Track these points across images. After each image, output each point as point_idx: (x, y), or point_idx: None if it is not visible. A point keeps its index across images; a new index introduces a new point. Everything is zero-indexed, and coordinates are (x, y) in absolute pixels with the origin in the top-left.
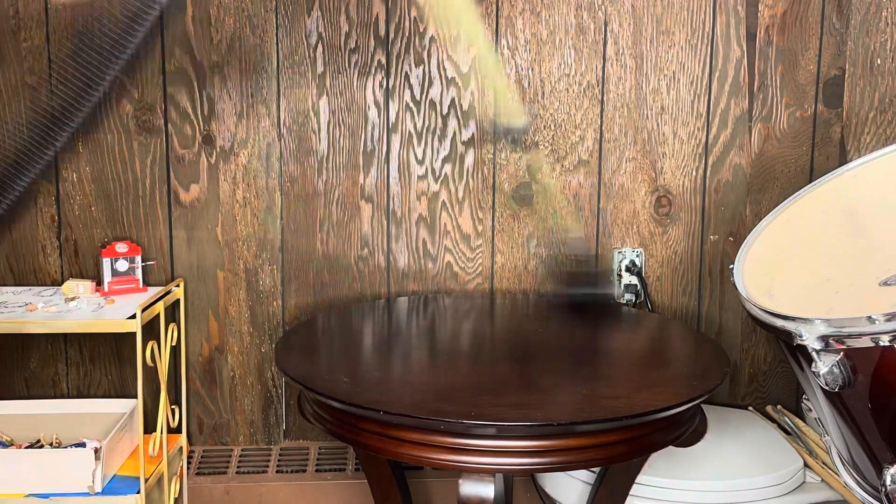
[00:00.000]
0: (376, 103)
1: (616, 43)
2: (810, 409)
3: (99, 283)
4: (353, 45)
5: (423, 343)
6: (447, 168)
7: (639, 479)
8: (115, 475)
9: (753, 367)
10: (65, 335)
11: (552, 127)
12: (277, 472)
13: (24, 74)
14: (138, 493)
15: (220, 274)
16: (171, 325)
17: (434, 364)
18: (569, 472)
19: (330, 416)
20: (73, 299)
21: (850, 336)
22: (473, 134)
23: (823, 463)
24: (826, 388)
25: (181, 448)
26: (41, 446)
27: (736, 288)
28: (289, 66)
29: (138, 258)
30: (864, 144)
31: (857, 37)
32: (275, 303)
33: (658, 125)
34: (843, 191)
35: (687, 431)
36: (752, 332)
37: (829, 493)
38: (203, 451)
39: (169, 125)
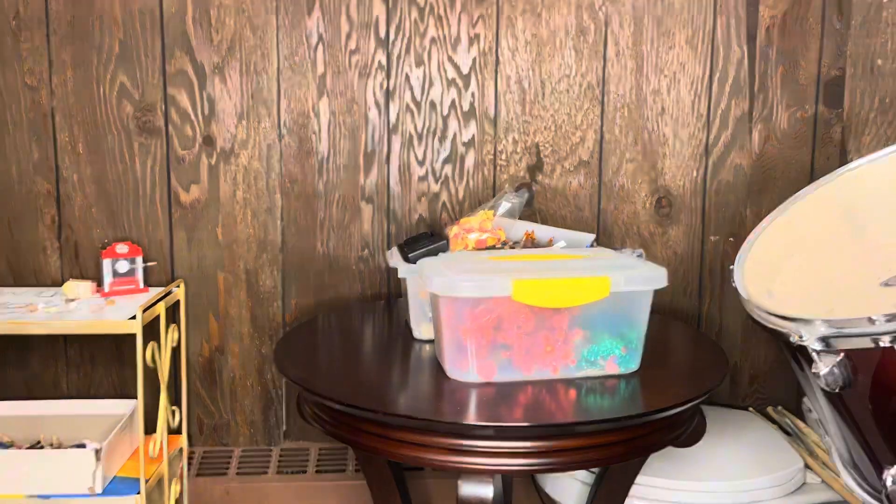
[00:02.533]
0: (377, 104)
1: (616, 44)
2: (811, 410)
3: (99, 284)
4: (353, 46)
5: (423, 343)
6: (447, 169)
7: (638, 479)
8: (115, 476)
9: (754, 368)
10: (65, 336)
11: (552, 128)
12: (278, 472)
13: (24, 75)
14: (138, 494)
15: (220, 275)
16: (172, 326)
17: (433, 364)
18: (568, 473)
19: (329, 417)
20: (73, 300)
21: (850, 336)
22: (474, 135)
23: (824, 464)
24: (826, 388)
25: (181, 449)
26: (41, 447)
27: (736, 289)
28: (289, 66)
29: (139, 259)
30: (865, 145)
31: (857, 37)
32: (275, 304)
33: (658, 126)
34: (843, 191)
35: (685, 432)
36: (753, 332)
37: (830, 494)
38: (203, 451)
39: (169, 126)
